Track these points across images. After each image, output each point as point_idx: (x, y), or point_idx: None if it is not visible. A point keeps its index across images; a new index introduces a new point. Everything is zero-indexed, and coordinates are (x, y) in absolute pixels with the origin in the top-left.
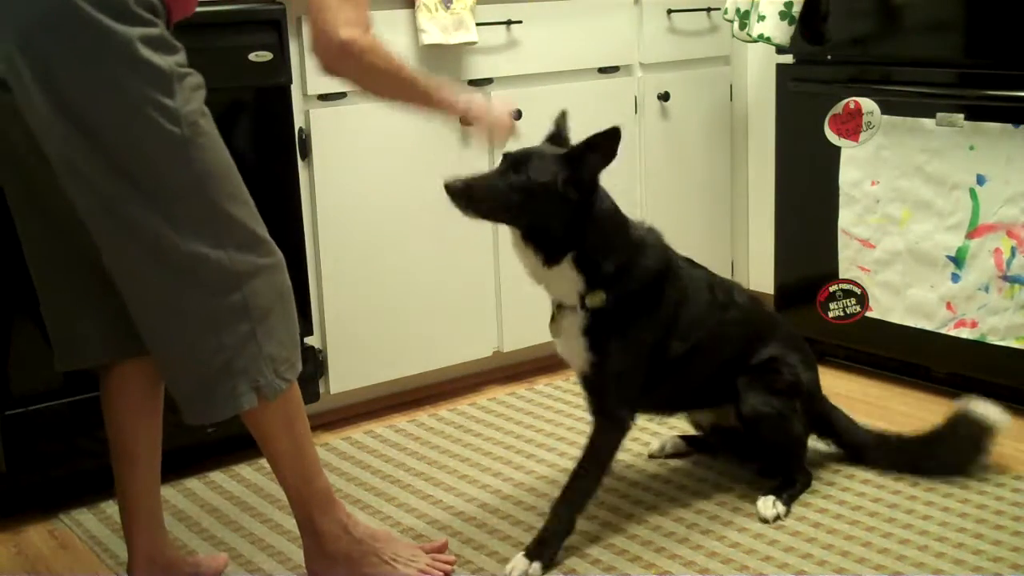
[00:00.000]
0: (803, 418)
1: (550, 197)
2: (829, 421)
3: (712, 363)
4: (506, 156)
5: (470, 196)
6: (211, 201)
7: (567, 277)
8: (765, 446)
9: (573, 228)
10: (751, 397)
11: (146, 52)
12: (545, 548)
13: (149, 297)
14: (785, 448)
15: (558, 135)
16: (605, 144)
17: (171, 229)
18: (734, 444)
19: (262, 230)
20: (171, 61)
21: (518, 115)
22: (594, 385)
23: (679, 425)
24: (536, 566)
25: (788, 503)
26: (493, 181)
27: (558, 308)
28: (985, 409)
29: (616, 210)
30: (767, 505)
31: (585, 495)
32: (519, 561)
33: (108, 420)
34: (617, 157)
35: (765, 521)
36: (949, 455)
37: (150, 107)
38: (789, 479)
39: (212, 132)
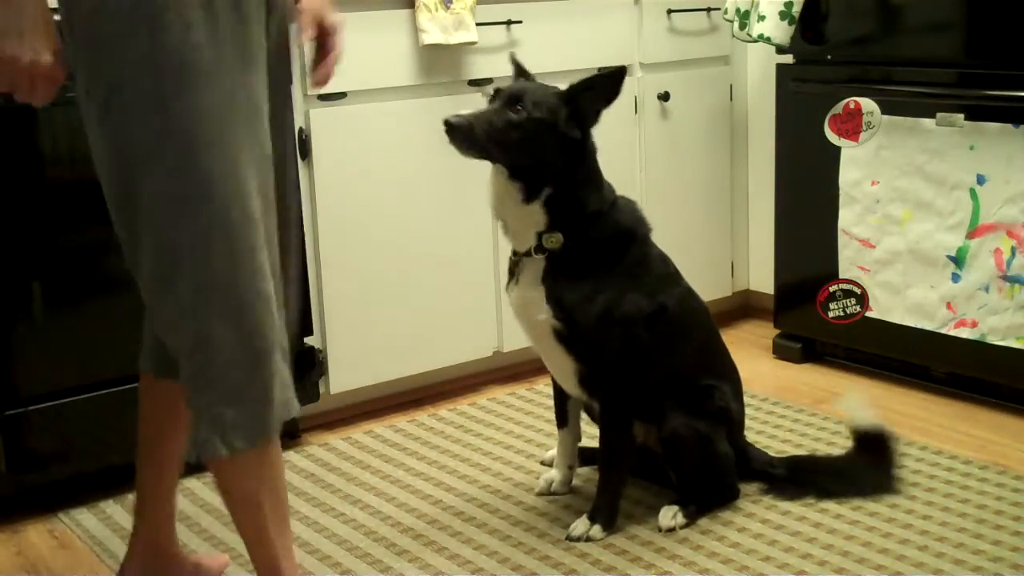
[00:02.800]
0: (726, 446)
1: (549, 135)
2: (745, 456)
3: (672, 351)
4: (498, 92)
5: (471, 134)
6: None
7: (534, 213)
8: (684, 470)
9: (563, 166)
10: (673, 418)
11: None
12: (601, 511)
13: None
14: (706, 472)
15: (523, 72)
16: (607, 84)
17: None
18: (653, 468)
19: None
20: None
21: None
22: (572, 346)
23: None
24: (596, 528)
25: (693, 516)
26: (492, 118)
27: (515, 260)
28: (860, 414)
29: (596, 158)
30: (667, 515)
31: (617, 459)
32: (580, 523)
33: (140, 416)
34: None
35: (660, 530)
36: (862, 477)
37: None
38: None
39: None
